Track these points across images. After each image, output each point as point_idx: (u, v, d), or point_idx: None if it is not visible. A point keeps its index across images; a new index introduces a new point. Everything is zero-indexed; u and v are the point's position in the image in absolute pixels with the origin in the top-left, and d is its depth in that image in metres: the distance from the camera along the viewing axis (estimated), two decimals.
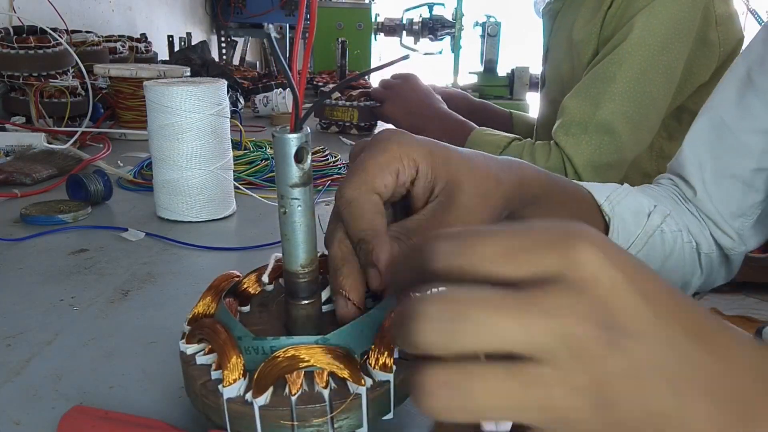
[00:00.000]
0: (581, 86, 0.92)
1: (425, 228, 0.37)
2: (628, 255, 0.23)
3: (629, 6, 0.90)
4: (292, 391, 0.29)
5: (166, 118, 0.68)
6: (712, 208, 0.61)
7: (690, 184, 0.63)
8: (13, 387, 0.39)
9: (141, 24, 2.09)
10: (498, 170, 0.40)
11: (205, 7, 2.74)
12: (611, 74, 0.88)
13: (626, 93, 0.88)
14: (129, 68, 1.19)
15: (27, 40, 1.11)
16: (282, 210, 0.30)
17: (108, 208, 0.77)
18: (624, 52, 0.88)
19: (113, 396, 0.38)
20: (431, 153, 0.37)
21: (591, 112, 0.89)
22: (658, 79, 0.89)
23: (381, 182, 0.36)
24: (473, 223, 0.37)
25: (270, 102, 1.47)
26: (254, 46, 3.01)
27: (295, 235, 0.31)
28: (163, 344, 0.45)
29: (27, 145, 0.96)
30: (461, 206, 0.37)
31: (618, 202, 0.54)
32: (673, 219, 0.59)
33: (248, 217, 0.76)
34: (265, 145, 1.04)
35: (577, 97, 0.92)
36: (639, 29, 0.87)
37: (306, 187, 0.30)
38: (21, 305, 0.50)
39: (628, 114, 0.89)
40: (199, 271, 0.59)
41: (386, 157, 0.36)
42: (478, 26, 2.61)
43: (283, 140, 0.29)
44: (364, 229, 0.34)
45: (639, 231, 0.55)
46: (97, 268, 0.58)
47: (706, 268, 0.62)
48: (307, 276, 0.32)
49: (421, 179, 0.37)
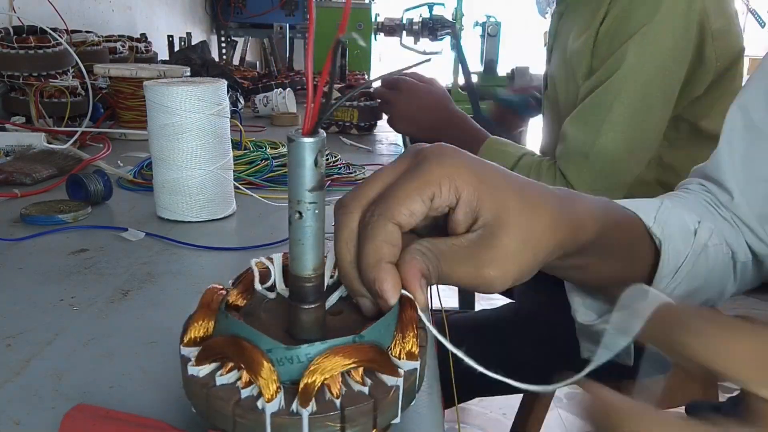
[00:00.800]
0: (580, 113, 0.93)
1: (457, 256, 0.34)
2: None
3: (621, 28, 0.90)
4: (335, 393, 0.29)
5: (166, 118, 0.68)
6: (749, 213, 0.59)
7: (726, 188, 0.60)
8: (13, 387, 0.39)
9: (141, 24, 2.09)
10: (553, 211, 0.37)
11: (205, 7, 2.74)
12: (609, 103, 0.89)
13: (625, 121, 0.89)
14: (129, 68, 1.19)
15: (27, 40, 1.11)
16: (296, 215, 0.30)
17: (108, 208, 0.77)
18: (619, 81, 0.89)
19: (113, 396, 0.38)
20: (480, 179, 0.34)
21: (591, 141, 0.91)
22: (657, 103, 0.90)
23: (406, 210, 0.33)
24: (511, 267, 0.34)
25: (270, 102, 1.47)
26: (254, 46, 3.01)
27: (309, 240, 0.30)
28: (163, 344, 0.45)
29: (27, 145, 0.96)
30: (501, 247, 0.34)
31: (665, 222, 0.52)
32: (716, 234, 0.57)
33: (248, 217, 0.76)
34: (265, 145, 1.04)
35: (576, 125, 0.93)
36: (633, 56, 0.88)
37: (322, 190, 0.30)
38: (21, 305, 0.50)
39: (628, 140, 0.90)
40: (199, 271, 0.59)
41: (423, 181, 0.34)
42: (478, 26, 2.61)
43: (302, 144, 0.29)
44: (368, 260, 0.33)
45: (688, 251, 0.53)
46: (97, 268, 0.58)
47: (740, 275, 0.61)
48: (317, 279, 0.32)
49: (462, 207, 0.34)
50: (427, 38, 2.40)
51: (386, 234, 0.33)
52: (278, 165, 0.93)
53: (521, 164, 0.99)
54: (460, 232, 0.35)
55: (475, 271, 0.34)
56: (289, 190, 0.30)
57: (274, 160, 0.94)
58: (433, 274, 0.34)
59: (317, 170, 0.29)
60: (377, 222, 0.33)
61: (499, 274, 0.34)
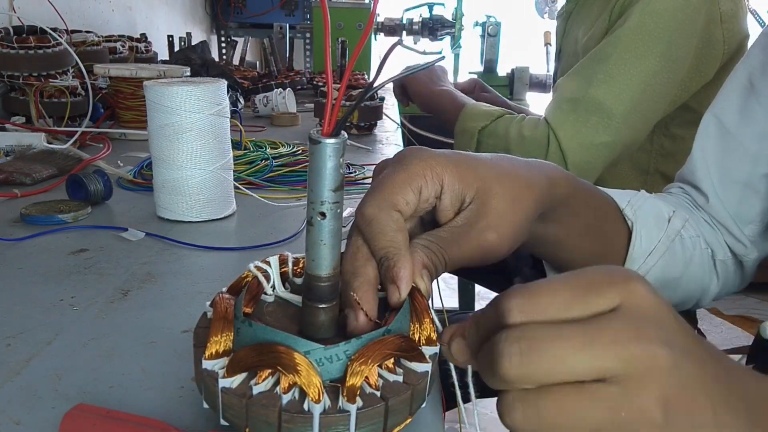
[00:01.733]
0: (577, 67, 0.92)
1: (458, 235, 0.37)
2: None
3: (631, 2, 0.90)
4: (374, 385, 0.29)
5: (166, 118, 0.68)
6: (725, 214, 0.61)
7: (701, 190, 0.62)
8: (13, 387, 0.39)
9: (141, 24, 2.09)
10: (527, 173, 0.40)
11: (205, 7, 2.74)
12: (606, 54, 0.88)
13: (620, 74, 0.87)
14: (129, 68, 1.19)
15: (27, 40, 1.11)
16: (320, 216, 0.30)
17: (108, 208, 0.77)
18: (621, 35, 0.87)
19: (113, 396, 0.38)
20: (456, 164, 0.37)
21: (583, 90, 0.88)
22: (657, 67, 0.88)
23: (402, 199, 0.36)
24: (507, 227, 0.37)
25: (270, 102, 1.47)
26: (254, 46, 3.01)
27: (330, 240, 0.31)
28: (163, 344, 0.45)
29: (27, 145, 0.96)
30: (494, 211, 0.37)
31: (639, 207, 0.54)
32: (691, 225, 0.59)
33: (248, 217, 0.76)
34: (265, 145, 1.04)
35: (570, 76, 0.92)
36: (637, 15, 0.87)
37: (343, 189, 0.30)
38: (21, 305, 0.50)
39: (622, 96, 0.87)
40: (199, 271, 0.59)
41: (408, 174, 0.36)
42: (478, 26, 2.60)
43: (328, 146, 0.29)
44: (385, 246, 0.34)
45: (661, 235, 0.55)
46: (97, 268, 0.58)
47: (722, 275, 0.62)
48: (335, 278, 0.32)
49: (447, 192, 0.37)
50: (427, 38, 2.40)
51: (394, 222, 0.35)
52: (278, 165, 0.93)
53: (502, 120, 0.97)
54: (452, 218, 0.38)
55: (477, 242, 0.37)
56: (310, 191, 0.30)
57: (274, 160, 0.94)
58: (438, 264, 0.36)
59: (340, 171, 0.30)
60: (381, 214, 0.35)
61: (498, 235, 0.37)
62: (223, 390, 0.29)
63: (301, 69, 2.13)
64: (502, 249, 0.38)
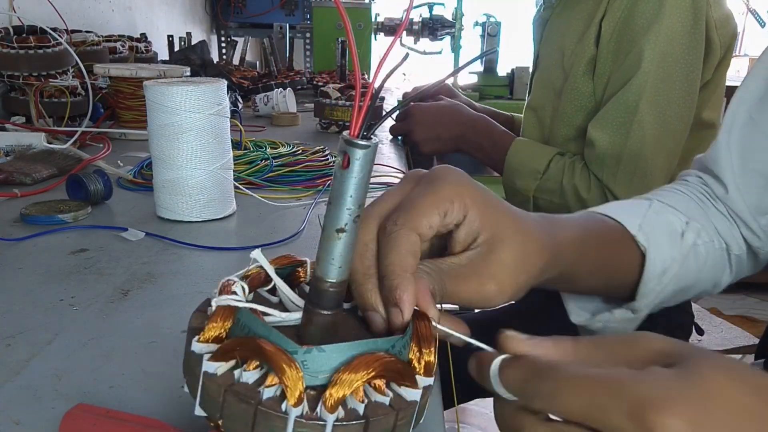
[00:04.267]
0: (605, 116, 0.93)
1: (459, 273, 0.36)
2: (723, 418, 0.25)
3: (628, 25, 0.89)
4: (359, 399, 0.28)
5: (166, 117, 0.68)
6: (742, 206, 0.60)
7: (722, 180, 0.61)
8: (13, 387, 0.39)
9: (141, 24, 2.09)
10: (543, 236, 0.40)
11: (205, 6, 2.74)
12: (633, 104, 0.89)
13: (652, 119, 0.89)
14: (129, 68, 1.19)
15: (27, 39, 1.11)
16: (354, 222, 0.30)
17: (108, 208, 0.77)
18: (641, 81, 0.88)
19: (113, 396, 0.38)
20: (484, 202, 0.37)
21: (621, 145, 0.91)
22: (679, 97, 0.90)
23: (426, 222, 0.35)
24: (509, 282, 0.37)
25: (270, 102, 1.47)
26: (254, 46, 3.01)
27: (354, 243, 0.31)
28: (163, 344, 0.45)
29: (27, 145, 0.96)
30: (500, 262, 0.37)
31: (651, 229, 0.53)
32: (705, 231, 0.58)
33: (248, 217, 0.76)
34: (265, 145, 1.04)
35: (603, 129, 0.92)
36: (649, 54, 0.88)
37: None
38: (21, 305, 0.50)
39: (657, 138, 0.90)
40: (199, 271, 0.59)
41: (437, 198, 0.36)
42: (478, 26, 2.60)
43: (365, 151, 0.29)
44: (392, 263, 0.34)
45: (675, 254, 0.54)
46: (97, 268, 0.58)
47: (735, 266, 0.62)
48: (342, 285, 0.32)
49: (466, 225, 0.37)
50: (427, 38, 2.40)
51: (411, 244, 0.34)
52: (278, 165, 0.93)
53: (553, 166, 0.98)
54: (458, 251, 0.37)
55: (477, 287, 0.36)
56: (349, 197, 0.29)
57: (274, 160, 0.94)
58: (438, 293, 0.35)
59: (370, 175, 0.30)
60: (401, 232, 0.35)
61: (498, 288, 0.37)
62: (205, 374, 0.29)
63: (301, 69, 2.13)
64: (498, 301, 0.37)
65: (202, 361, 0.29)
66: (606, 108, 0.93)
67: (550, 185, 0.98)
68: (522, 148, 1.03)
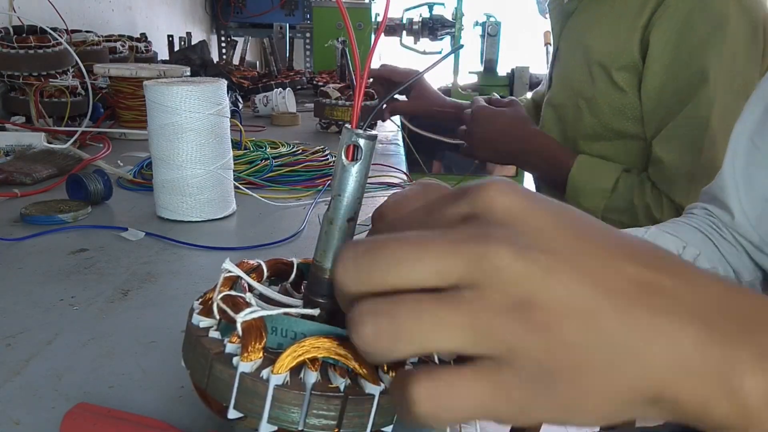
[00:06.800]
0: (673, 134, 0.91)
1: None
2: (549, 199, 0.24)
3: (685, 37, 0.87)
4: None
5: (166, 117, 0.68)
6: (752, 231, 0.59)
7: (728, 207, 0.61)
8: (13, 387, 0.39)
9: (141, 24, 2.09)
10: None
11: (205, 6, 2.74)
12: (704, 120, 0.88)
13: (722, 132, 0.87)
14: (129, 68, 1.19)
15: (27, 39, 1.11)
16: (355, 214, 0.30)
17: (108, 208, 0.77)
18: (709, 96, 0.87)
19: (113, 396, 0.38)
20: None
21: (694, 160, 0.89)
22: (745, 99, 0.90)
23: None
24: None
25: (270, 101, 1.47)
26: (254, 46, 3.01)
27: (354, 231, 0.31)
28: (163, 344, 0.45)
29: (27, 145, 0.96)
30: None
31: None
32: (705, 257, 0.57)
33: (248, 217, 0.76)
34: (265, 145, 1.04)
35: (672, 147, 0.91)
36: (714, 68, 0.86)
37: None
38: (21, 305, 0.50)
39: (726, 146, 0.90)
40: (199, 270, 0.59)
41: None
42: (478, 26, 2.61)
43: (370, 142, 0.29)
44: None
45: None
46: (97, 268, 0.58)
47: None
48: None
49: None
50: (427, 38, 2.40)
51: None
52: (278, 165, 0.93)
53: (621, 184, 0.95)
54: None
55: None
56: (351, 191, 0.29)
57: (274, 159, 0.94)
58: None
59: None
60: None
61: None
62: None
63: (301, 69, 2.13)
64: None
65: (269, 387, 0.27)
66: (673, 125, 0.91)
67: (619, 204, 0.95)
68: (586, 166, 0.98)
